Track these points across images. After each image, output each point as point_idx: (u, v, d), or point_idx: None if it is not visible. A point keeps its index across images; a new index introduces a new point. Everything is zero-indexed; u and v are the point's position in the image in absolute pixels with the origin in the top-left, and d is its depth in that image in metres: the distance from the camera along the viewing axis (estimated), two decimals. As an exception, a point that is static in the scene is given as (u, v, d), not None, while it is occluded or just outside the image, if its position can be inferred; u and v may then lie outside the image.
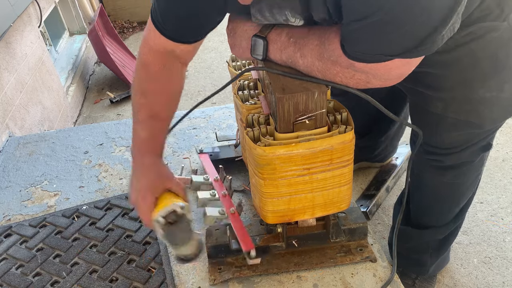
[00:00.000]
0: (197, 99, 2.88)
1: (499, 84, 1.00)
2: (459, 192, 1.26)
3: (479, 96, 1.02)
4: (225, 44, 3.56)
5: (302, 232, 1.05)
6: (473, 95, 1.02)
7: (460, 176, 1.20)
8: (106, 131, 1.65)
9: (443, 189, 1.26)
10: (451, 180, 1.21)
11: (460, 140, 1.12)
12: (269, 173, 0.88)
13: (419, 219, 1.39)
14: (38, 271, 1.11)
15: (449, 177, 1.20)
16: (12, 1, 1.99)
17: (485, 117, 1.06)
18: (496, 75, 0.99)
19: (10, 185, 1.44)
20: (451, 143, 1.13)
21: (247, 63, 1.20)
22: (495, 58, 0.97)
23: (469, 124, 1.07)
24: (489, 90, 1.01)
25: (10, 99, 1.92)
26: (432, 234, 1.36)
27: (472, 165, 1.18)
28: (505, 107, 1.06)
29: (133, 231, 1.19)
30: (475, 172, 1.22)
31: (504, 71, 0.99)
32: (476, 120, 1.07)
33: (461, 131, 1.10)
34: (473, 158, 1.16)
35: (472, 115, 1.05)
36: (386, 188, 1.91)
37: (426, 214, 1.37)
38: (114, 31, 3.32)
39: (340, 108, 0.93)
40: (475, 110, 1.04)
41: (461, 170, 1.18)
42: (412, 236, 1.40)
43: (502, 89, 1.01)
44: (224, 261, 1.06)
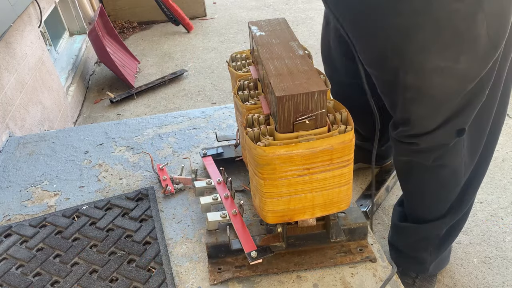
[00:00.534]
0: (197, 99, 2.88)
1: (456, 55, 1.02)
2: (442, 177, 1.27)
3: (433, 65, 1.03)
4: (225, 44, 3.57)
5: (302, 232, 1.05)
6: (427, 63, 1.04)
7: (439, 158, 1.21)
8: (106, 131, 1.65)
9: (427, 175, 1.27)
10: (431, 163, 1.22)
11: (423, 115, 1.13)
12: (269, 173, 0.88)
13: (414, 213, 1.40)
14: (38, 271, 1.11)
15: (429, 160, 1.22)
16: (12, 1, 1.99)
17: (435, 86, 1.07)
18: (454, 46, 1.01)
19: (10, 185, 1.44)
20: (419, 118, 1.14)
21: (247, 63, 1.20)
22: (456, 29, 0.99)
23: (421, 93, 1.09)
24: (444, 60, 1.02)
25: (10, 99, 1.92)
26: (430, 229, 1.36)
27: (449, 148, 1.19)
28: (459, 79, 1.07)
29: (133, 231, 1.19)
30: (455, 156, 1.22)
31: (463, 43, 1.00)
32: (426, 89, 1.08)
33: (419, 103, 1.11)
34: (447, 141, 1.17)
35: (424, 82, 1.07)
36: (386, 188, 1.91)
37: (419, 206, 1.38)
38: (114, 31, 3.32)
39: (340, 108, 0.93)
40: (427, 78, 1.06)
41: (438, 153, 1.20)
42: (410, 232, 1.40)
43: (458, 60, 1.02)
44: (224, 261, 1.06)
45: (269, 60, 0.95)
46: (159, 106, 2.85)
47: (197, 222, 1.21)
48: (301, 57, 0.95)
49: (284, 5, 4.22)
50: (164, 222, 1.22)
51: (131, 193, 1.32)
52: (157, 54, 3.53)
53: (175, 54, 3.50)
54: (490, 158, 1.33)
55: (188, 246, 1.14)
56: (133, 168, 1.45)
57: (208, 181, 1.22)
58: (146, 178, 1.40)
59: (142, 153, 1.51)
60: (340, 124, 0.89)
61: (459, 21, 0.98)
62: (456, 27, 0.98)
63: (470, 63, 1.03)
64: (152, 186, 1.35)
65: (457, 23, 0.98)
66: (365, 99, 1.63)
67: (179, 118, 1.68)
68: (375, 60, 1.15)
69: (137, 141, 1.58)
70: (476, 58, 1.03)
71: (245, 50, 1.24)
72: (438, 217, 1.34)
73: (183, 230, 1.19)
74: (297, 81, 0.85)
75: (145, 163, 1.46)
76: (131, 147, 1.55)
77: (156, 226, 1.19)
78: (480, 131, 1.21)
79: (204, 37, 3.74)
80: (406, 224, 1.42)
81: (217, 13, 4.21)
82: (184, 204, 1.27)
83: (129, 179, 1.40)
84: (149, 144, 1.56)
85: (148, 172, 1.42)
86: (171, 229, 1.20)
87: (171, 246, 1.15)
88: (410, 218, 1.42)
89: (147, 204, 1.27)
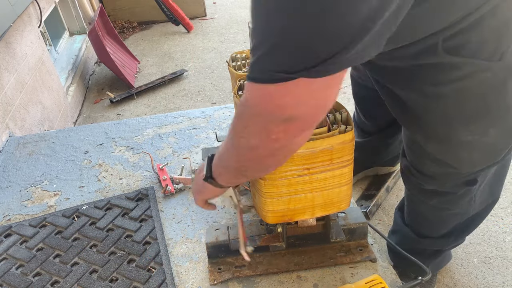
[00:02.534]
0: (197, 99, 2.88)
1: (484, 128, 0.92)
2: (447, 215, 1.22)
3: (460, 138, 0.94)
4: (225, 44, 3.57)
5: (302, 232, 1.05)
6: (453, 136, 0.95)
7: (444, 203, 1.16)
8: (106, 131, 1.65)
9: (430, 210, 1.23)
10: (436, 204, 1.18)
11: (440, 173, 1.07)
12: (269, 173, 0.88)
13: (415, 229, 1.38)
14: (38, 271, 1.11)
15: (434, 202, 1.17)
16: (12, 1, 1.99)
17: (463, 160, 1.00)
18: (482, 119, 0.91)
19: (10, 185, 1.44)
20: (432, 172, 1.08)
21: (247, 63, 1.20)
22: (483, 101, 0.88)
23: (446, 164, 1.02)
24: (471, 133, 0.93)
25: (10, 99, 1.92)
26: (431, 244, 1.35)
27: (456, 196, 1.12)
28: (488, 153, 0.99)
29: (133, 231, 1.19)
30: (461, 201, 1.15)
31: (491, 114, 0.91)
32: (453, 163, 1.01)
33: (439, 167, 1.04)
34: (455, 190, 1.11)
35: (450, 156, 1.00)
36: (386, 188, 1.91)
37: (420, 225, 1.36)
38: (114, 31, 3.32)
39: (340, 107, 0.93)
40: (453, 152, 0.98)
41: (444, 198, 1.14)
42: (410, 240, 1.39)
43: (487, 133, 0.93)
44: (224, 261, 1.06)
45: (269, 60, 0.94)
46: (159, 106, 2.85)
47: (197, 222, 1.21)
48: (301, 57, 0.95)
49: (284, 5, 4.21)
50: (164, 222, 1.22)
51: (131, 193, 1.32)
52: (157, 54, 3.53)
53: (175, 54, 3.50)
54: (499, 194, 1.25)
55: (188, 246, 1.14)
56: (133, 168, 1.45)
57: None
58: (146, 178, 1.40)
59: (142, 153, 1.51)
60: (340, 124, 0.89)
61: (487, 91, 0.87)
62: (484, 98, 0.87)
63: (501, 135, 0.94)
64: (152, 186, 1.35)
65: (485, 94, 0.87)
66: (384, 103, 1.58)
67: (179, 118, 1.68)
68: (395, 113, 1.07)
69: (137, 141, 1.58)
70: (508, 130, 0.94)
71: (245, 50, 1.24)
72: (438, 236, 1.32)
73: (183, 230, 1.19)
74: (297, 81, 0.85)
75: (145, 163, 1.46)
76: (131, 147, 1.55)
77: (156, 226, 1.19)
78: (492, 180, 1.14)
79: (204, 37, 3.74)
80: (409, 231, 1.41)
81: (217, 13, 4.21)
82: (184, 204, 1.27)
83: (129, 179, 1.40)
84: (149, 144, 1.56)
85: (148, 172, 1.42)
86: (171, 229, 1.20)
87: (171, 246, 1.15)
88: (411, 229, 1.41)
89: (147, 204, 1.27)
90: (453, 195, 1.12)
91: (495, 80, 0.85)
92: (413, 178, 1.16)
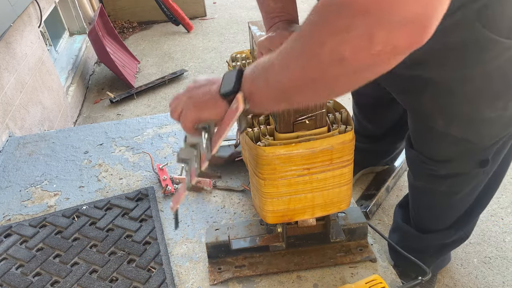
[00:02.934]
0: (197, 99, 2.88)
1: (505, 103, 0.96)
2: (455, 200, 1.25)
3: (484, 116, 0.98)
4: (225, 44, 3.57)
5: (302, 232, 1.05)
6: (476, 114, 0.98)
7: (454, 185, 1.18)
8: (106, 131, 1.65)
9: (439, 197, 1.25)
10: (446, 189, 1.20)
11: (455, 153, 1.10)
12: (269, 173, 0.88)
13: (419, 223, 1.39)
14: (38, 271, 1.11)
15: (444, 186, 1.19)
16: (12, 1, 1.99)
17: (484, 135, 1.03)
18: (504, 95, 0.95)
19: (10, 185, 1.44)
20: (446, 155, 1.11)
21: (247, 63, 1.20)
22: (505, 78, 0.92)
23: (466, 140, 1.04)
24: (494, 110, 0.97)
25: (10, 99, 1.92)
26: (433, 239, 1.36)
27: (468, 176, 1.15)
28: (505, 124, 1.03)
29: (133, 231, 1.19)
30: (471, 182, 1.19)
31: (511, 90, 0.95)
32: (474, 139, 1.04)
33: (457, 146, 1.07)
34: (468, 170, 1.14)
35: (472, 133, 1.02)
36: (386, 188, 1.91)
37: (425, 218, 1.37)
38: (114, 31, 3.32)
39: (340, 107, 0.93)
40: (475, 129, 1.01)
41: (456, 180, 1.16)
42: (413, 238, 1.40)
43: (507, 108, 0.97)
44: (224, 261, 1.06)
45: (269, 60, 0.94)
46: (159, 106, 2.85)
47: (197, 222, 1.21)
48: (301, 57, 0.95)
49: (284, 5, 4.21)
50: (164, 222, 1.22)
51: (131, 193, 1.32)
52: (157, 54, 3.53)
53: (175, 54, 3.50)
54: (501, 180, 1.29)
55: (188, 246, 1.14)
56: (133, 168, 1.45)
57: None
58: (146, 178, 1.40)
59: (142, 153, 1.51)
60: (340, 124, 0.89)
61: (508, 68, 0.91)
62: (505, 75, 0.92)
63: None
64: (152, 186, 1.35)
65: (506, 71, 0.92)
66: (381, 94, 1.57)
67: (179, 118, 1.68)
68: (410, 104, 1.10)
69: (137, 141, 1.58)
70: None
71: (245, 50, 1.24)
72: (442, 228, 1.33)
73: (183, 230, 1.19)
74: (297, 81, 0.85)
75: (145, 163, 1.46)
76: (131, 147, 1.55)
77: (156, 226, 1.19)
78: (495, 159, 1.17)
79: (204, 37, 3.74)
80: (409, 227, 1.41)
81: (217, 13, 4.21)
82: (184, 204, 1.27)
83: (129, 179, 1.40)
84: (149, 144, 1.56)
85: (148, 172, 1.42)
86: (171, 229, 1.20)
87: (171, 246, 1.15)
88: (414, 225, 1.41)
89: (147, 204, 1.27)
90: (466, 176, 1.14)
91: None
92: (424, 166, 1.17)
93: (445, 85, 0.95)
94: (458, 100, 0.96)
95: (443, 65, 0.91)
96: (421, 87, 0.98)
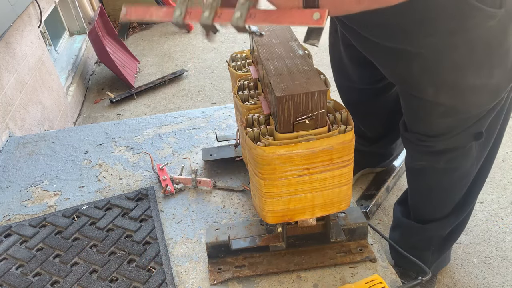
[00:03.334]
0: (197, 99, 2.88)
1: (489, 70, 1.01)
2: (453, 178, 1.27)
3: (469, 83, 1.02)
4: (225, 44, 3.57)
5: (302, 232, 1.05)
6: (462, 81, 1.02)
7: (452, 161, 1.21)
8: (106, 131, 1.65)
9: (438, 176, 1.27)
10: (444, 165, 1.22)
11: (448, 126, 1.13)
12: (269, 173, 0.88)
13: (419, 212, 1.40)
14: (38, 271, 1.11)
15: (442, 162, 1.22)
16: (12, 1, 1.99)
17: (471, 102, 1.07)
18: (488, 63, 1.00)
19: (10, 185, 1.44)
20: (440, 129, 1.15)
21: (247, 63, 1.20)
22: (489, 46, 0.97)
23: (455, 109, 1.08)
24: (479, 77, 1.01)
25: (10, 99, 1.92)
26: (434, 229, 1.37)
27: (464, 150, 1.19)
28: (491, 92, 1.07)
29: (133, 231, 1.19)
30: (467, 159, 1.22)
31: (495, 58, 1.00)
32: (462, 107, 1.08)
33: (448, 117, 1.11)
34: (464, 144, 1.17)
35: (459, 101, 1.07)
36: (386, 188, 1.91)
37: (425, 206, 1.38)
38: (114, 31, 3.32)
39: (340, 108, 0.93)
40: (462, 96, 1.05)
41: (453, 155, 1.19)
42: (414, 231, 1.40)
43: (492, 75, 1.01)
44: (224, 261, 1.06)
45: (269, 60, 0.94)
46: (159, 106, 2.85)
47: (197, 222, 1.21)
48: (301, 57, 0.95)
49: (284, 5, 4.21)
50: (164, 222, 1.22)
51: (131, 193, 1.32)
52: (157, 54, 3.53)
53: (175, 54, 3.50)
54: (494, 159, 1.33)
55: (188, 246, 1.14)
56: (133, 168, 1.45)
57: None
58: (146, 178, 1.40)
59: (142, 153, 1.51)
60: (340, 124, 0.89)
61: (492, 37, 0.96)
62: (490, 44, 0.97)
63: (502, 75, 1.03)
64: (152, 186, 1.35)
65: (489, 40, 0.96)
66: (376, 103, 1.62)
67: (179, 118, 1.68)
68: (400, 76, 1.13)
69: (137, 141, 1.58)
70: (507, 70, 1.03)
71: (245, 50, 1.24)
72: (442, 217, 1.35)
73: (183, 230, 1.19)
74: (297, 81, 0.85)
75: (145, 163, 1.46)
76: (131, 147, 1.55)
77: (156, 226, 1.19)
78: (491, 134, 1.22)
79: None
80: (410, 221, 1.42)
81: (217, 13, 4.20)
82: (184, 204, 1.27)
83: (129, 179, 1.40)
84: (149, 144, 1.56)
85: (148, 172, 1.42)
86: (171, 229, 1.20)
87: (171, 246, 1.15)
88: (413, 217, 1.42)
89: (147, 204, 1.27)
90: (462, 150, 1.17)
91: (499, 27, 0.93)
92: (421, 144, 1.20)
93: (432, 54, 1.00)
94: (445, 68, 1.01)
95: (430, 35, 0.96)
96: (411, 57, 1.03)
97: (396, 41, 1.02)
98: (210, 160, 1.39)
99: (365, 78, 1.54)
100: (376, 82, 1.54)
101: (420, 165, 1.28)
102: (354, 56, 1.47)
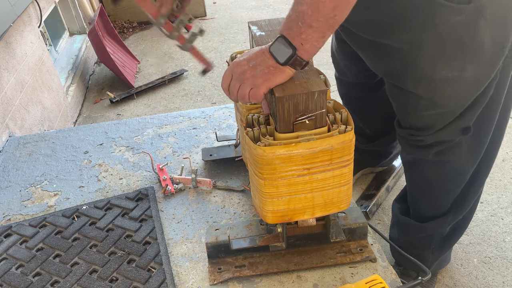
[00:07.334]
0: (197, 99, 2.88)
1: (462, 64, 1.04)
2: (445, 173, 1.28)
3: (442, 76, 1.06)
4: (225, 44, 3.57)
5: (302, 232, 1.05)
6: (436, 75, 1.06)
7: (441, 154, 1.23)
8: (106, 131, 1.65)
9: (428, 168, 1.29)
10: (433, 157, 1.24)
11: (433, 119, 1.16)
12: (269, 173, 0.88)
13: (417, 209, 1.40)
14: (38, 271, 1.11)
15: (431, 155, 1.24)
16: (12, 1, 2.00)
17: (447, 96, 1.10)
18: (460, 57, 1.03)
19: (10, 185, 1.44)
20: (426, 122, 1.17)
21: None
22: (460, 41, 1.00)
23: (433, 102, 1.12)
24: (451, 71, 1.05)
25: (10, 99, 1.92)
26: (433, 227, 1.37)
27: (453, 144, 1.20)
28: (468, 86, 1.09)
29: (133, 231, 1.19)
30: (458, 154, 1.24)
31: (468, 52, 1.02)
32: (438, 99, 1.11)
33: (431, 110, 1.14)
34: (452, 137, 1.19)
35: (436, 93, 1.10)
36: (386, 188, 1.91)
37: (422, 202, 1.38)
38: (114, 31, 3.32)
39: (340, 108, 0.93)
40: (438, 89, 1.09)
41: (441, 148, 1.21)
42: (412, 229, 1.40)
43: (465, 69, 1.04)
44: (224, 261, 1.06)
45: (269, 60, 0.94)
46: (159, 106, 2.85)
47: (197, 222, 1.21)
48: (301, 57, 0.95)
49: (284, 5, 4.22)
50: (164, 222, 1.22)
51: (131, 193, 1.32)
52: (157, 54, 3.53)
53: (175, 54, 3.50)
54: (494, 158, 1.34)
55: (188, 246, 1.14)
56: (133, 168, 1.45)
57: None
58: (146, 178, 1.40)
59: (142, 153, 1.51)
60: (340, 124, 0.89)
61: (461, 32, 0.99)
62: (460, 38, 1.00)
63: (478, 69, 1.05)
64: (152, 186, 1.35)
65: (460, 34, 0.99)
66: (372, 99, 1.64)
67: (179, 118, 1.68)
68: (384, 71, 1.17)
69: (137, 141, 1.58)
70: (484, 63, 1.05)
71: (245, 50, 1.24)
72: (440, 214, 1.35)
73: (183, 230, 1.19)
74: (297, 81, 0.85)
75: (145, 163, 1.46)
76: (131, 147, 1.55)
77: (156, 226, 1.19)
78: (484, 130, 1.22)
79: (204, 37, 3.74)
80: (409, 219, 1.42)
81: (217, 13, 4.21)
82: (184, 204, 1.27)
83: (129, 179, 1.40)
84: (149, 144, 1.56)
85: (148, 172, 1.42)
86: (171, 229, 1.20)
87: (171, 246, 1.15)
88: (413, 216, 1.42)
89: (147, 204, 1.27)
90: (450, 143, 1.20)
91: (468, 21, 0.97)
92: (412, 138, 1.23)
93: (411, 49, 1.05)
94: (421, 63, 1.06)
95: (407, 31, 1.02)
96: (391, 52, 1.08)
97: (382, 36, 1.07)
98: (210, 160, 1.39)
99: (357, 72, 1.56)
100: (369, 77, 1.56)
101: (412, 158, 1.31)
102: (346, 51, 1.49)
